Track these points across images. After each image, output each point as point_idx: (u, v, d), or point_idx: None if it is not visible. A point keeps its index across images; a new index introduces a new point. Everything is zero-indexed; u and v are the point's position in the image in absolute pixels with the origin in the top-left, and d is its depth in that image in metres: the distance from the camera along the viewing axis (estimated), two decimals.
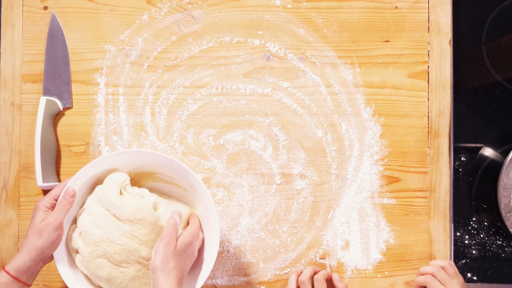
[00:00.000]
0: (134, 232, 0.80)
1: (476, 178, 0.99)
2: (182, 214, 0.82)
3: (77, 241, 0.82)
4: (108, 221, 0.80)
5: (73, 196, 0.79)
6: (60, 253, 0.81)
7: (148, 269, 0.82)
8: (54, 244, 0.78)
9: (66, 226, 0.82)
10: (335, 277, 0.91)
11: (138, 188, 0.85)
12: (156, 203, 0.83)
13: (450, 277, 0.86)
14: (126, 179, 0.83)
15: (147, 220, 0.80)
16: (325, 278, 0.89)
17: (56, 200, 0.80)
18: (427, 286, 0.88)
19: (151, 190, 0.86)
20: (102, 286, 0.83)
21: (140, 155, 0.83)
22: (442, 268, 0.87)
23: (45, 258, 0.79)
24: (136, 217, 0.80)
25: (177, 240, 0.77)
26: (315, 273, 0.90)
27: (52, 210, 0.80)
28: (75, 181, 0.81)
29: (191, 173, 0.83)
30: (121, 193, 0.82)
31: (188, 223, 0.85)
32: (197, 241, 0.82)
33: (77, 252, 0.83)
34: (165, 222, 0.81)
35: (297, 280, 0.89)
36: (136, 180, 0.88)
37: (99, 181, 0.85)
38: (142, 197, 0.83)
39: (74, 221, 0.84)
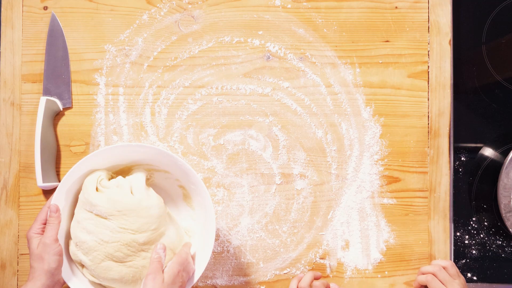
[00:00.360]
0: (122, 225, 0.79)
1: (476, 178, 0.99)
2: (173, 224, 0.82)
3: (77, 254, 0.81)
4: (95, 223, 0.79)
5: (57, 211, 0.80)
6: (66, 271, 0.81)
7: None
8: (59, 262, 0.78)
9: (61, 242, 0.81)
10: (333, 287, 0.91)
11: (114, 179, 0.83)
12: (132, 186, 0.82)
13: (451, 277, 0.86)
14: (100, 174, 0.83)
15: (129, 209, 0.79)
16: (324, 286, 0.89)
17: (44, 224, 0.80)
18: (427, 285, 0.88)
19: None
20: None
21: (112, 151, 0.82)
22: (444, 268, 0.87)
23: (60, 279, 0.79)
24: (117, 210, 0.79)
25: (163, 272, 0.77)
26: (315, 278, 0.90)
27: (43, 234, 0.80)
28: (57, 198, 0.81)
29: (166, 153, 0.82)
30: (98, 190, 0.81)
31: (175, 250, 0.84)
32: (185, 271, 0.81)
33: (82, 265, 0.82)
34: (146, 202, 0.81)
35: (298, 285, 0.89)
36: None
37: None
38: (118, 187, 0.81)
39: (68, 236, 0.83)
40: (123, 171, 0.88)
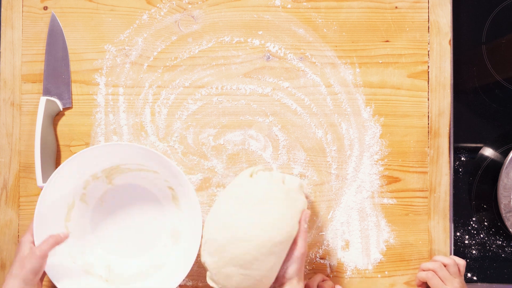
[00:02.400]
0: (264, 216, 0.75)
1: (476, 178, 0.99)
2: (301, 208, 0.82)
3: (203, 253, 0.79)
4: (233, 212, 0.77)
5: (66, 237, 0.81)
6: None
7: (281, 255, 0.78)
8: (37, 274, 0.77)
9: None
10: None
11: (269, 172, 0.85)
12: (285, 178, 0.83)
13: (451, 275, 0.86)
14: (259, 167, 0.85)
15: (276, 197, 0.78)
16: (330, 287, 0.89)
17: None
18: (428, 282, 0.88)
19: (122, 184, 0.89)
20: None
21: (99, 151, 0.82)
22: (445, 265, 0.87)
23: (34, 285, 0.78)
24: (266, 197, 0.77)
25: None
26: (323, 281, 0.90)
27: (35, 245, 0.80)
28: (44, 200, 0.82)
29: (154, 153, 0.82)
30: (251, 176, 0.83)
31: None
32: None
33: (207, 268, 0.80)
34: (295, 194, 0.81)
35: (306, 283, 0.89)
36: (106, 177, 0.89)
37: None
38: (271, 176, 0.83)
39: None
40: (113, 170, 0.88)
